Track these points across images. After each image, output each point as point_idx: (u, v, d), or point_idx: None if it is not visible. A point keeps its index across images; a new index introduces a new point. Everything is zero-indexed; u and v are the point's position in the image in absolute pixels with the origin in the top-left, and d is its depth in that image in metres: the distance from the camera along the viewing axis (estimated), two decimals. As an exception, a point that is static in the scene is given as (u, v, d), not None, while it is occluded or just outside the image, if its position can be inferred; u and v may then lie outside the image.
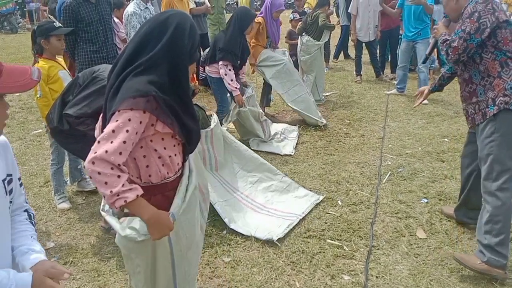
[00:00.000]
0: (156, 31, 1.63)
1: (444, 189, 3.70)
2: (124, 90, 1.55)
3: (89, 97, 2.73)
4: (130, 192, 1.50)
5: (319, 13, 6.27)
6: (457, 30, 2.60)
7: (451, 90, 7.17)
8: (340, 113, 5.99)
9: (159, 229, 1.59)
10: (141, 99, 1.52)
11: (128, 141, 1.51)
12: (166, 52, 1.60)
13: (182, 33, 1.64)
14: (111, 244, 3.04)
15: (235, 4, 32.90)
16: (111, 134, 1.49)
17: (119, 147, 1.48)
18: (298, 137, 4.99)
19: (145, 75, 1.57)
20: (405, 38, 6.48)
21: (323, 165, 4.27)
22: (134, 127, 1.51)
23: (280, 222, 3.19)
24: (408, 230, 3.11)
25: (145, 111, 1.53)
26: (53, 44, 3.23)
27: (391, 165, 4.23)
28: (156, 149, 1.65)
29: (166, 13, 1.71)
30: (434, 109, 6.06)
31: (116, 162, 1.48)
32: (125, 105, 1.50)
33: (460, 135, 4.98)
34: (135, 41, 1.65)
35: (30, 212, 1.54)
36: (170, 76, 1.62)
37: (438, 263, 2.73)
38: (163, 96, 1.57)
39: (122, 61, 1.64)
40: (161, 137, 1.65)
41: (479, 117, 2.67)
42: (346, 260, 2.80)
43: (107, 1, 4.34)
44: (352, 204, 3.50)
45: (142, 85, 1.54)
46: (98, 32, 4.13)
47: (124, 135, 1.49)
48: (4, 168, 1.37)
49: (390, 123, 5.51)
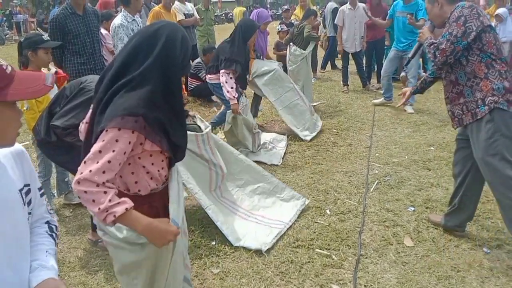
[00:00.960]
0: (146, 43, 1.61)
1: (430, 197, 3.74)
2: (114, 107, 1.52)
3: (77, 108, 2.72)
4: (119, 206, 1.48)
5: (305, 25, 6.42)
6: (445, 33, 2.69)
7: (436, 99, 7.30)
8: (328, 122, 6.04)
9: (158, 237, 1.55)
10: (129, 118, 1.50)
11: (114, 161, 1.49)
12: (157, 65, 1.58)
13: (173, 45, 1.62)
14: (98, 257, 3.02)
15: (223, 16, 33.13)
16: (97, 154, 1.48)
17: (103, 167, 1.47)
18: (286, 147, 5.02)
19: (137, 91, 1.54)
20: (396, 48, 6.47)
21: (311, 174, 4.30)
22: (121, 148, 1.50)
23: (268, 230, 3.20)
24: (396, 239, 3.13)
25: (134, 131, 1.52)
26: (40, 57, 3.22)
27: (378, 173, 4.27)
28: (145, 166, 1.66)
29: (155, 25, 1.68)
30: (420, 118, 6.15)
31: (100, 181, 1.47)
32: (113, 124, 1.49)
33: (445, 143, 5.06)
34: (124, 54, 1.63)
35: (52, 224, 1.46)
36: (162, 89, 1.60)
37: (426, 271, 2.76)
38: (152, 114, 1.55)
39: (111, 74, 1.61)
40: (150, 153, 1.65)
41: (468, 117, 2.74)
42: (334, 270, 2.81)
43: (95, 13, 4.36)
44: (340, 213, 3.52)
45: (132, 103, 1.51)
46: (86, 44, 4.14)
47: (110, 155, 1.48)
48: (20, 177, 1.31)
49: (377, 132, 5.58)
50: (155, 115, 1.57)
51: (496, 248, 2.98)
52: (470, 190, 2.98)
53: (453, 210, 3.09)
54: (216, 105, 7.03)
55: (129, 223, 1.53)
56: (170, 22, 1.76)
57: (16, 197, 1.26)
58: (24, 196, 1.30)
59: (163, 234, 1.55)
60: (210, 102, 7.24)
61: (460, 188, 3.01)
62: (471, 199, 3.02)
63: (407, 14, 6.08)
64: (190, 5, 7.40)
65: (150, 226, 1.53)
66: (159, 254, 1.69)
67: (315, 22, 6.89)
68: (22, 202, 1.28)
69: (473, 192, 3.00)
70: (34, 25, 21.18)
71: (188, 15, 7.11)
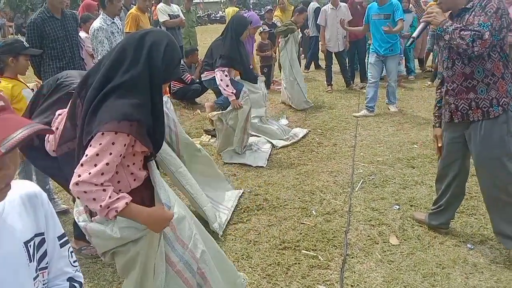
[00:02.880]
0: (132, 49, 1.68)
1: (415, 195, 3.77)
2: (108, 110, 1.59)
3: (55, 104, 2.66)
4: (119, 201, 1.57)
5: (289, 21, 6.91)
6: (484, 23, 2.47)
7: (419, 97, 7.39)
8: (312, 122, 6.05)
9: (158, 223, 1.67)
10: (126, 122, 1.57)
11: (111, 163, 1.57)
12: (145, 73, 1.66)
13: (157, 52, 1.68)
14: (82, 265, 2.95)
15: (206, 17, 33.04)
16: (94, 157, 1.54)
17: (102, 169, 1.54)
18: (271, 149, 5.00)
19: (128, 98, 1.62)
20: (376, 52, 6.13)
21: (297, 175, 4.29)
22: (118, 150, 1.58)
23: (216, 214, 3.31)
24: (382, 237, 3.15)
25: (129, 134, 1.60)
26: (21, 63, 3.17)
27: (363, 173, 4.29)
28: (129, 165, 1.73)
29: (142, 31, 1.77)
30: (403, 117, 6.20)
31: (99, 182, 1.54)
32: (109, 127, 1.55)
33: (429, 141, 5.10)
34: (112, 58, 1.69)
35: (76, 281, 1.20)
36: (151, 95, 1.69)
37: (411, 269, 2.77)
38: (145, 119, 1.65)
39: (100, 77, 1.67)
40: (133, 153, 1.72)
41: (476, 114, 2.65)
42: (321, 270, 2.80)
43: (73, 16, 4.29)
44: (326, 213, 3.52)
45: (128, 109, 1.59)
46: (65, 48, 4.07)
47: (108, 158, 1.55)
48: (30, 226, 1.07)
49: (361, 132, 5.61)
50: (146, 120, 1.67)
51: (480, 243, 3.02)
52: (458, 189, 2.99)
53: (439, 211, 3.11)
54: (200, 108, 6.99)
55: (130, 215, 1.63)
56: (156, 29, 1.88)
57: (19, 252, 1.03)
58: (33, 249, 1.06)
59: (161, 221, 1.67)
60: (194, 104, 7.19)
61: (448, 189, 3.00)
62: (459, 197, 3.05)
63: (383, 16, 5.92)
64: (175, 6, 7.36)
65: (151, 215, 1.64)
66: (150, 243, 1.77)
67: (299, 18, 7.04)
68: (26, 258, 1.04)
69: (461, 191, 3.02)
70: (12, 29, 20.81)
71: (173, 16, 7.06)
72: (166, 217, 1.69)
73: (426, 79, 8.61)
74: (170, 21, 6.87)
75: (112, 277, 2.80)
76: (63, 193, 3.73)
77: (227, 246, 3.09)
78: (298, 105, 6.72)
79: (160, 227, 1.69)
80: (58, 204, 3.69)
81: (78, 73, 2.84)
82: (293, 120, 6.19)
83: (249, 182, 4.15)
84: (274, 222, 3.41)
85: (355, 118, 6.20)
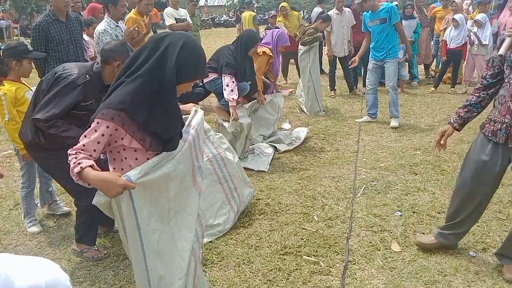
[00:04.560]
0: (150, 47, 1.79)
1: (417, 201, 3.76)
2: (105, 101, 1.76)
3: (55, 97, 2.68)
4: (77, 166, 1.68)
5: (310, 27, 6.86)
6: None
7: (422, 103, 7.38)
8: (315, 127, 6.05)
9: (106, 187, 1.69)
10: (109, 112, 1.71)
11: (87, 146, 1.72)
12: (152, 68, 1.75)
13: (172, 51, 1.75)
14: (83, 268, 2.96)
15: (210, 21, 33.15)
16: (83, 137, 1.74)
17: (80, 147, 1.73)
18: (274, 154, 5.00)
19: (124, 87, 1.75)
20: (373, 58, 6.04)
21: (299, 180, 4.29)
22: (95, 137, 1.72)
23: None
24: (383, 244, 3.14)
25: (109, 126, 1.72)
26: (25, 67, 3.19)
27: (365, 178, 4.28)
28: (127, 158, 1.81)
29: (164, 33, 1.87)
30: (406, 122, 6.19)
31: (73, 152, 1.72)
32: (97, 115, 1.73)
33: (432, 147, 5.10)
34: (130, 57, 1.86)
35: None
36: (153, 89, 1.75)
37: (413, 276, 2.76)
38: (136, 111, 1.73)
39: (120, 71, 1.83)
40: (134, 149, 1.79)
41: None
42: (322, 276, 2.80)
43: (78, 19, 4.31)
44: (328, 219, 3.51)
45: (116, 100, 1.73)
46: (69, 51, 4.09)
47: (86, 140, 1.73)
48: None
49: (364, 137, 5.60)
50: (140, 112, 1.74)
51: (482, 251, 3.01)
52: (478, 214, 2.86)
53: (455, 227, 2.90)
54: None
55: (86, 180, 1.71)
56: (178, 32, 1.93)
57: None
58: None
59: (109, 184, 1.68)
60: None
61: (470, 210, 2.78)
62: (475, 221, 2.93)
63: (379, 20, 5.85)
64: (183, 11, 7.38)
65: (98, 176, 1.68)
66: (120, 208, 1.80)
67: (322, 26, 6.98)
68: None
69: (480, 216, 2.89)
70: (17, 31, 20.90)
71: (180, 20, 7.08)
72: (118, 181, 1.68)
73: (430, 85, 8.61)
74: (176, 25, 6.89)
75: (113, 280, 2.80)
76: (66, 195, 3.73)
77: (228, 251, 3.09)
78: (310, 111, 6.79)
79: (110, 191, 1.69)
80: (61, 207, 3.70)
81: (75, 65, 2.86)
82: (296, 125, 6.19)
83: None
84: (275, 227, 3.41)
85: (357, 124, 6.20)
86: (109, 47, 2.79)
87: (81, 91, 2.70)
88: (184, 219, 1.97)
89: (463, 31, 7.83)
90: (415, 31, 8.31)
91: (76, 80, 2.70)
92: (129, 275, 2.83)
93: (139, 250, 1.82)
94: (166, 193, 1.87)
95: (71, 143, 1.88)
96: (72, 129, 2.68)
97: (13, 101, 3.12)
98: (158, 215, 1.85)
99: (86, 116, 2.80)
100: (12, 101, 3.11)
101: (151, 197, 1.82)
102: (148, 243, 1.82)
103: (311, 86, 6.72)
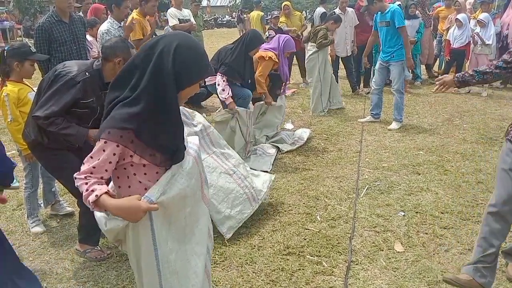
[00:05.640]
0: (143, 55, 1.63)
1: (420, 201, 3.75)
2: (108, 119, 1.63)
3: (55, 95, 2.67)
4: (92, 194, 1.58)
5: (321, 28, 6.78)
6: None
7: (425, 103, 7.36)
8: (318, 127, 6.05)
9: (129, 213, 1.61)
10: (116, 132, 1.59)
11: (98, 167, 1.61)
12: (150, 82, 1.59)
13: (166, 58, 1.59)
14: (86, 268, 2.97)
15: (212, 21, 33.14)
16: (89, 158, 1.63)
17: (90, 170, 1.62)
18: (276, 154, 5.00)
19: (128, 108, 1.61)
20: (380, 59, 6.09)
21: (302, 180, 4.29)
22: (105, 158, 1.61)
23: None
24: (386, 244, 3.13)
25: (118, 145, 1.61)
26: (26, 68, 3.19)
27: (368, 178, 4.27)
28: (135, 174, 1.70)
29: (155, 38, 1.68)
30: (409, 122, 6.18)
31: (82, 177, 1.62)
32: (103, 135, 1.61)
33: (435, 147, 5.09)
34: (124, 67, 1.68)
35: None
36: (156, 103, 1.60)
37: (416, 276, 2.75)
38: (142, 130, 1.61)
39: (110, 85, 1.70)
40: (143, 164, 1.68)
41: None
42: (325, 277, 2.79)
43: (81, 20, 4.33)
44: (331, 219, 3.51)
45: (122, 119, 1.60)
46: (72, 52, 4.10)
47: (95, 162, 1.62)
48: None
49: (367, 137, 5.59)
50: (146, 129, 1.62)
51: (486, 252, 2.99)
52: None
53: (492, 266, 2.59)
54: (205, 111, 7.01)
55: (103, 208, 1.61)
56: (169, 33, 1.73)
57: None
58: None
59: (132, 210, 1.60)
60: (199, 108, 7.21)
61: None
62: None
63: (384, 23, 5.85)
64: (187, 11, 7.39)
65: (118, 205, 1.60)
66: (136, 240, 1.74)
67: (333, 27, 6.96)
68: None
69: None
70: (20, 31, 20.99)
71: (184, 20, 7.10)
72: (138, 206, 1.60)
73: (433, 85, 8.56)
74: (179, 25, 6.91)
75: (116, 280, 2.81)
76: (69, 195, 3.74)
77: (231, 251, 3.09)
78: (314, 110, 6.82)
79: (133, 217, 1.62)
80: (64, 207, 3.71)
81: (75, 63, 2.85)
82: (299, 125, 6.19)
83: (254, 187, 4.15)
84: (278, 227, 3.41)
85: (360, 124, 6.19)
86: (110, 44, 2.77)
87: (80, 88, 2.67)
88: (196, 234, 1.91)
89: (467, 30, 7.82)
90: (418, 30, 8.29)
91: (76, 77, 2.68)
92: (132, 275, 2.83)
93: (154, 272, 1.75)
94: (183, 210, 1.81)
95: (71, 140, 1.85)
96: (72, 126, 2.67)
97: (15, 102, 3.13)
98: (175, 234, 1.80)
99: (87, 114, 2.81)
100: (14, 101, 3.12)
101: (171, 215, 1.76)
102: (166, 263, 1.76)
103: (318, 86, 6.71)
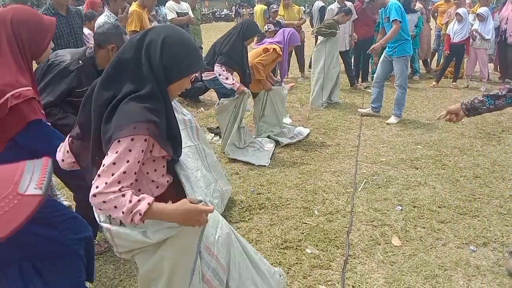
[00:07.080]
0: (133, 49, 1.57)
1: (418, 196, 3.75)
2: (122, 115, 1.49)
3: (49, 85, 2.65)
4: (140, 204, 1.44)
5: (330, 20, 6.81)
6: None
7: (424, 98, 7.36)
8: (316, 122, 6.04)
9: (190, 217, 1.53)
10: (142, 126, 1.46)
11: (129, 171, 1.47)
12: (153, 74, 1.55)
13: (154, 50, 1.55)
14: (84, 261, 2.96)
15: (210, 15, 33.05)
16: (111, 166, 1.45)
17: (119, 177, 1.45)
18: (274, 148, 4.99)
19: (140, 101, 1.51)
20: (385, 52, 6.00)
21: (300, 174, 4.29)
22: (136, 157, 1.47)
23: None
24: (384, 238, 3.13)
25: (146, 139, 1.49)
26: None
27: (366, 173, 4.27)
28: (148, 172, 1.64)
29: (143, 31, 1.63)
30: (407, 117, 6.18)
31: (117, 189, 1.44)
32: (125, 133, 1.45)
33: (433, 142, 5.09)
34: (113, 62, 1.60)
35: None
36: (158, 95, 1.57)
37: (413, 270, 2.76)
38: (160, 120, 1.53)
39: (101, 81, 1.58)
40: (153, 159, 1.62)
41: None
42: (323, 270, 2.80)
43: (78, 13, 4.29)
44: (329, 213, 3.51)
45: (141, 112, 1.48)
46: (69, 45, 4.07)
47: (125, 166, 1.45)
48: None
49: (365, 131, 5.59)
50: (161, 121, 1.55)
51: (482, 246, 3.00)
52: None
53: None
54: (203, 105, 7.00)
55: (156, 216, 1.50)
56: (156, 26, 1.68)
57: None
58: None
59: (193, 214, 1.53)
60: (197, 102, 7.19)
61: None
62: None
63: (386, 18, 5.83)
64: (185, 4, 7.35)
65: (178, 210, 1.51)
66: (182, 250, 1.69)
67: (344, 20, 6.90)
68: None
69: None
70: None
71: (182, 14, 7.06)
72: (196, 209, 1.53)
73: (431, 80, 8.58)
74: (177, 19, 6.87)
75: (114, 274, 2.81)
76: (66, 189, 3.73)
77: (229, 245, 3.09)
78: (313, 102, 6.80)
79: (193, 221, 1.54)
80: (61, 201, 3.70)
81: (68, 51, 2.83)
82: (297, 120, 6.18)
83: (252, 181, 4.15)
84: (276, 221, 3.41)
85: (358, 118, 6.18)
86: (102, 30, 2.74)
87: (74, 77, 2.66)
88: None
89: (467, 25, 7.80)
90: (416, 25, 8.26)
91: (69, 66, 2.66)
92: (129, 269, 2.84)
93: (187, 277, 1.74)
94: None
95: (67, 131, 1.78)
96: (69, 117, 2.66)
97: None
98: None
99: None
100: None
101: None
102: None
103: (321, 78, 6.69)
